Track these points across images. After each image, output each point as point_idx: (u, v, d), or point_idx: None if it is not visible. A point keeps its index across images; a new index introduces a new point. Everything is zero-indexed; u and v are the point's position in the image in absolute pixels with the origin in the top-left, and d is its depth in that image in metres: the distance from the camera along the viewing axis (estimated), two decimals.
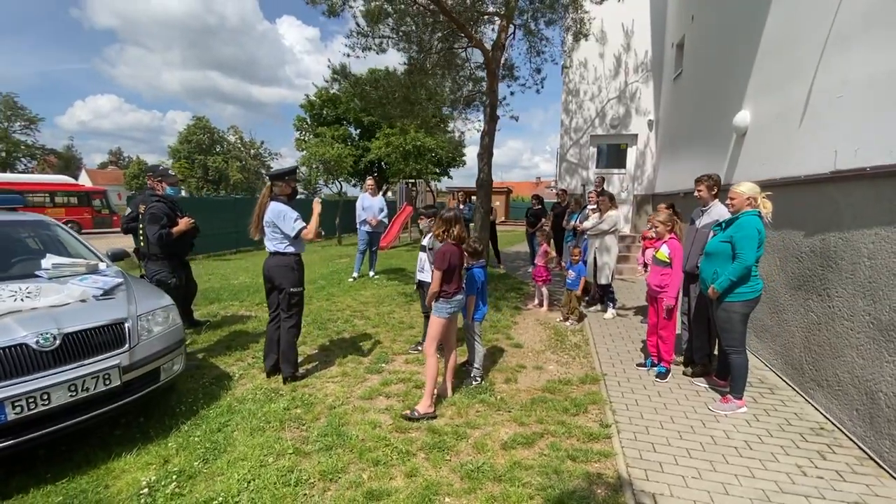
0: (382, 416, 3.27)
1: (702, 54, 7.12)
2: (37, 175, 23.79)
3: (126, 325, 2.84)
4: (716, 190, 4.05)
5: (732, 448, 2.97)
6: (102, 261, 3.69)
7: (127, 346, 2.82)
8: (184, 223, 4.27)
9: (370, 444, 2.90)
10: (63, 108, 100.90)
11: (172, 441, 2.88)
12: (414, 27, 6.66)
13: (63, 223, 4.43)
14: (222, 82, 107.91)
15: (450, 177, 27.56)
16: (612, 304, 6.10)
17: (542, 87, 9.67)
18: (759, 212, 3.31)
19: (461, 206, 10.76)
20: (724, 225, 3.49)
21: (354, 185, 24.06)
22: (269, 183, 3.63)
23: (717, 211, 3.94)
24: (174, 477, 2.53)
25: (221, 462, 2.66)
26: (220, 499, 2.38)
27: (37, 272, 3.17)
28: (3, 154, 37.73)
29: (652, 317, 4.18)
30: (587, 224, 6.28)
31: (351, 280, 8.38)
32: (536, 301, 6.54)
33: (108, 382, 2.64)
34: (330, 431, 3.02)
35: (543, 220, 9.63)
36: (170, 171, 4.49)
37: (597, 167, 10.51)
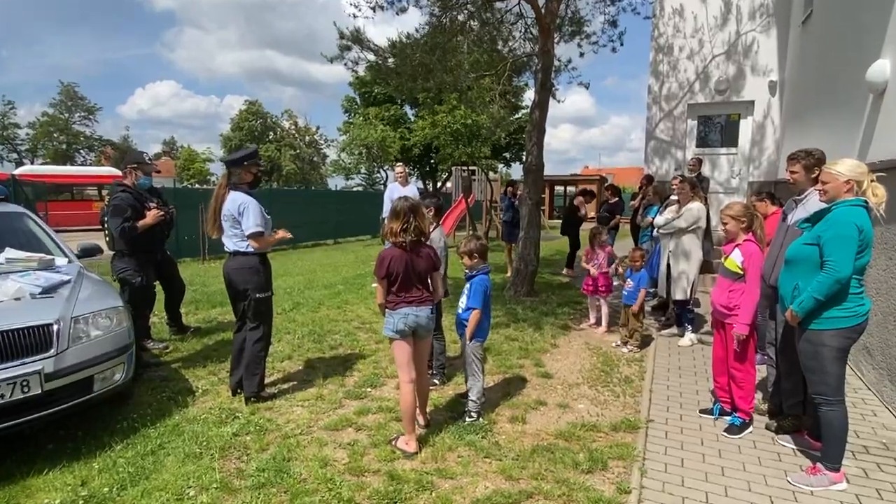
0: (340, 453, 3.23)
1: None
2: (87, 168, 27.55)
3: (54, 327, 3.09)
4: (818, 171, 3.46)
5: None
6: (66, 256, 4.08)
7: (53, 350, 3.04)
8: (151, 216, 4.57)
9: (310, 486, 2.86)
10: (125, 96, 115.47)
11: (99, 461, 3.07)
12: None
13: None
14: (280, 62, 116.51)
15: (507, 164, 27.20)
16: (690, 327, 5.56)
17: (622, 45, 9.06)
18: (865, 201, 2.74)
19: (502, 201, 10.50)
20: (812, 220, 2.95)
21: (409, 175, 24.79)
22: (225, 170, 3.76)
23: (817, 201, 3.35)
24: (80, 503, 2.68)
25: (137, 490, 2.78)
26: None
27: None
28: (64, 146, 44.46)
29: (718, 348, 3.69)
30: (659, 220, 5.77)
31: (374, 286, 8.49)
32: (593, 319, 6.18)
33: (26, 390, 2.87)
34: (270, 466, 3.03)
35: (619, 216, 9.09)
36: (148, 159, 4.86)
37: (697, 146, 9.63)
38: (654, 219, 6.25)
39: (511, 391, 4.21)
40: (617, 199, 9.18)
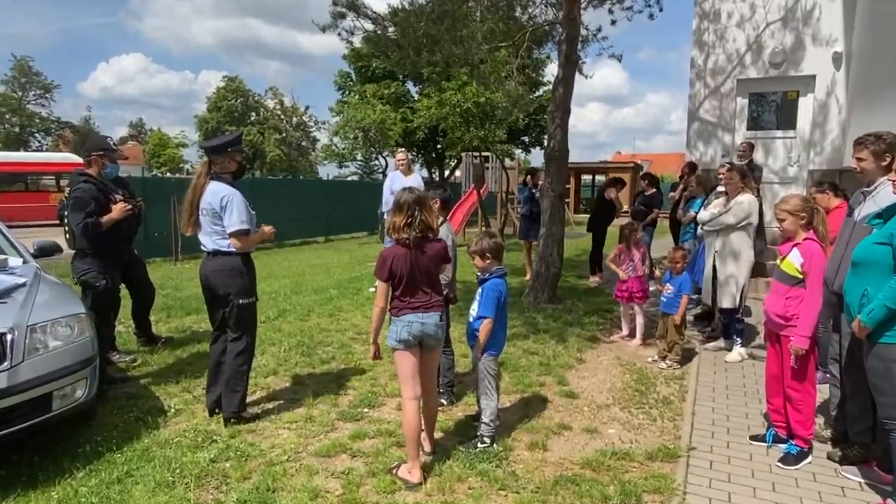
0: (333, 483, 3.26)
1: None
2: (43, 154, 27.90)
3: (8, 337, 3.14)
4: (889, 159, 3.44)
5: None
6: (20, 256, 4.15)
7: (7, 363, 3.10)
8: (117, 210, 4.62)
9: None
10: (86, 72, 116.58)
11: (58, 489, 3.11)
12: None
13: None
14: (264, 31, 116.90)
15: (526, 149, 27.17)
16: (739, 340, 5.55)
17: (660, 10, 9.01)
18: None
19: (520, 192, 10.50)
20: (884, 216, 2.94)
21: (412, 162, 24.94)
22: (205, 158, 3.80)
23: (889, 194, 3.33)
24: None
25: None
26: None
27: None
28: (17, 129, 44.95)
29: (772, 365, 3.68)
30: (703, 215, 5.75)
31: (372, 290, 8.56)
32: (625, 330, 6.19)
33: None
34: (253, 497, 3.07)
35: (656, 210, 9.06)
36: (113, 144, 4.92)
37: (747, 129, 9.57)
38: (697, 213, 6.22)
39: (530, 413, 4.21)
40: (654, 190, 9.13)
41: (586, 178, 32.09)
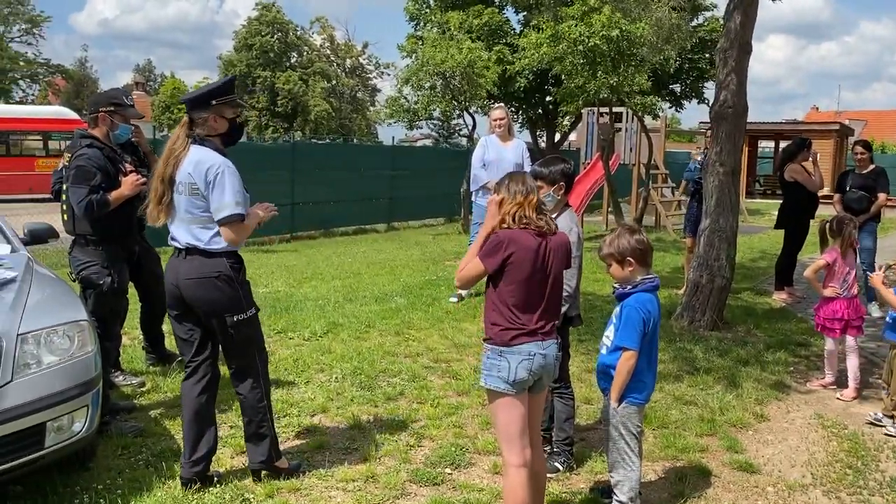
0: None
1: None
2: (27, 108, 30.07)
3: None
4: None
5: None
6: (7, 242, 4.49)
7: None
8: (128, 183, 4.82)
9: None
10: (81, 1, 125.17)
11: None
12: None
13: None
14: None
15: (677, 103, 26.33)
16: None
17: None
18: None
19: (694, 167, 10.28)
20: None
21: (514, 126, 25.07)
22: (186, 115, 3.80)
23: None
24: None
25: None
26: None
27: None
28: None
29: None
30: None
31: (454, 300, 8.75)
32: (830, 375, 6.03)
33: None
34: None
35: (883, 195, 8.60)
36: (128, 98, 5.21)
37: None
38: None
39: (686, 491, 4.11)
40: (872, 165, 8.73)
41: (765, 145, 30.90)
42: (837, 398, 5.71)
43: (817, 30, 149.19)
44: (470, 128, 18.86)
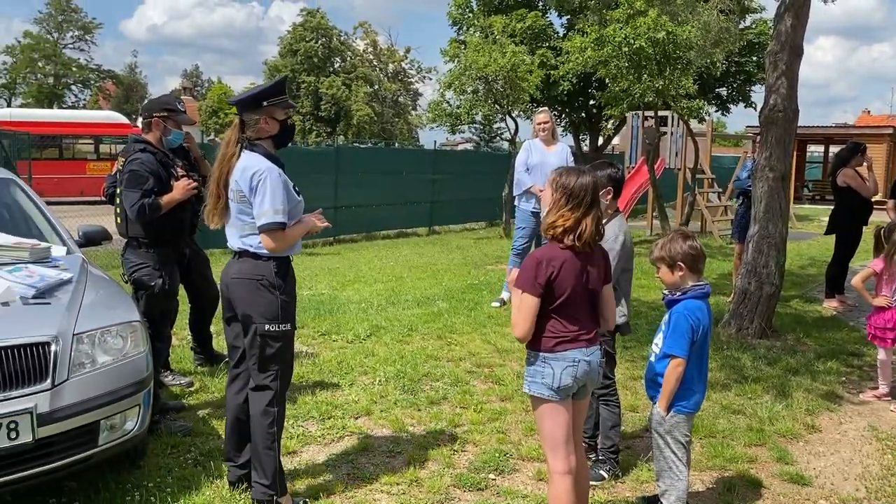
0: None
1: None
2: (80, 112, 31.06)
3: (52, 347, 3.44)
4: None
5: None
6: (63, 244, 4.61)
7: (49, 381, 3.31)
8: (179, 188, 4.94)
9: None
10: (130, 6, 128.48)
11: None
12: None
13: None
14: None
15: (723, 107, 25.88)
16: None
17: None
18: None
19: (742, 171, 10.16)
20: None
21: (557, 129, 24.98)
22: (237, 118, 3.76)
23: None
24: None
25: None
26: None
27: None
28: (52, 79, 50.38)
29: None
30: None
31: (496, 304, 8.77)
32: (881, 386, 5.92)
33: (13, 436, 3.19)
34: None
35: None
36: (180, 105, 5.32)
37: None
38: None
39: (734, 502, 4.06)
40: None
41: (815, 149, 30.25)
42: (892, 410, 5.59)
43: (869, 31, 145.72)
44: (512, 132, 18.85)
